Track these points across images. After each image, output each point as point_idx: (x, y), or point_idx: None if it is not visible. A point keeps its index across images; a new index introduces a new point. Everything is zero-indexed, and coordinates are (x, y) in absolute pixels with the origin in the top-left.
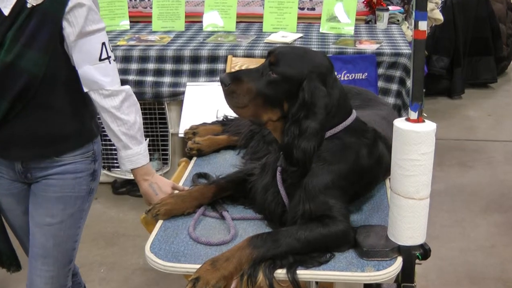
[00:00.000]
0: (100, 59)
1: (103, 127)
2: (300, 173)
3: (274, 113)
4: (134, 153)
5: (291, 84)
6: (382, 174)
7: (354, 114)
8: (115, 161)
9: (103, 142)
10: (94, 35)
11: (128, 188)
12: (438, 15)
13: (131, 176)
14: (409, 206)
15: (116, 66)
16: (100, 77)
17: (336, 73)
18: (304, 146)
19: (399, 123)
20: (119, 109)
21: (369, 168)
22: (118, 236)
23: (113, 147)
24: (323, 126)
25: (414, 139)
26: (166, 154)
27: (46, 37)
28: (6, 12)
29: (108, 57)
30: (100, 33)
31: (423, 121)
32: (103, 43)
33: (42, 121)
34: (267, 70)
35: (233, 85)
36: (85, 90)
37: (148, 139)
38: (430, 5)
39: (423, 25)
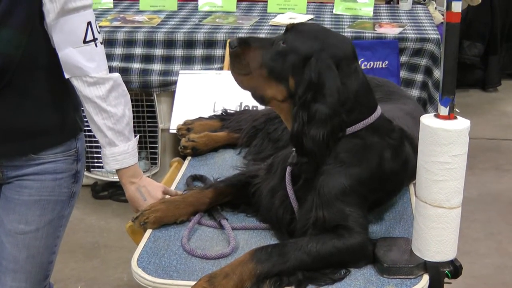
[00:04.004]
0: (85, 41)
1: (86, 121)
2: (312, 166)
3: (279, 90)
4: (121, 151)
5: (297, 58)
6: (407, 179)
7: (379, 111)
8: (96, 160)
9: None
10: (78, 13)
11: (110, 191)
12: None
13: (114, 178)
14: (437, 216)
15: (103, 50)
16: (84, 62)
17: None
18: (312, 133)
19: (427, 119)
20: (105, 100)
21: (393, 173)
22: (99, 247)
23: (94, 144)
24: (335, 111)
25: (444, 139)
26: (155, 153)
27: (24, 14)
28: None
29: (95, 39)
30: (86, 10)
31: (455, 118)
32: (89, 23)
33: (18, 112)
34: (279, 39)
35: (240, 48)
36: (67, 76)
37: (137, 136)
38: None
39: (457, 6)
